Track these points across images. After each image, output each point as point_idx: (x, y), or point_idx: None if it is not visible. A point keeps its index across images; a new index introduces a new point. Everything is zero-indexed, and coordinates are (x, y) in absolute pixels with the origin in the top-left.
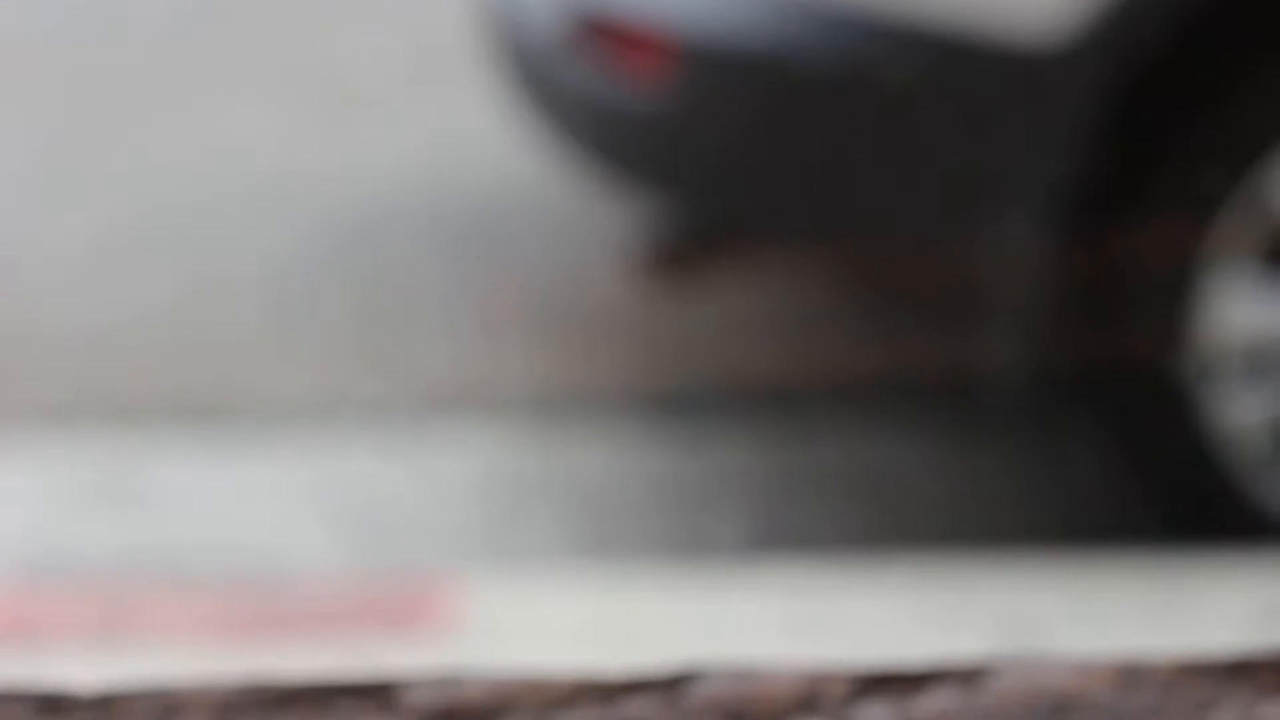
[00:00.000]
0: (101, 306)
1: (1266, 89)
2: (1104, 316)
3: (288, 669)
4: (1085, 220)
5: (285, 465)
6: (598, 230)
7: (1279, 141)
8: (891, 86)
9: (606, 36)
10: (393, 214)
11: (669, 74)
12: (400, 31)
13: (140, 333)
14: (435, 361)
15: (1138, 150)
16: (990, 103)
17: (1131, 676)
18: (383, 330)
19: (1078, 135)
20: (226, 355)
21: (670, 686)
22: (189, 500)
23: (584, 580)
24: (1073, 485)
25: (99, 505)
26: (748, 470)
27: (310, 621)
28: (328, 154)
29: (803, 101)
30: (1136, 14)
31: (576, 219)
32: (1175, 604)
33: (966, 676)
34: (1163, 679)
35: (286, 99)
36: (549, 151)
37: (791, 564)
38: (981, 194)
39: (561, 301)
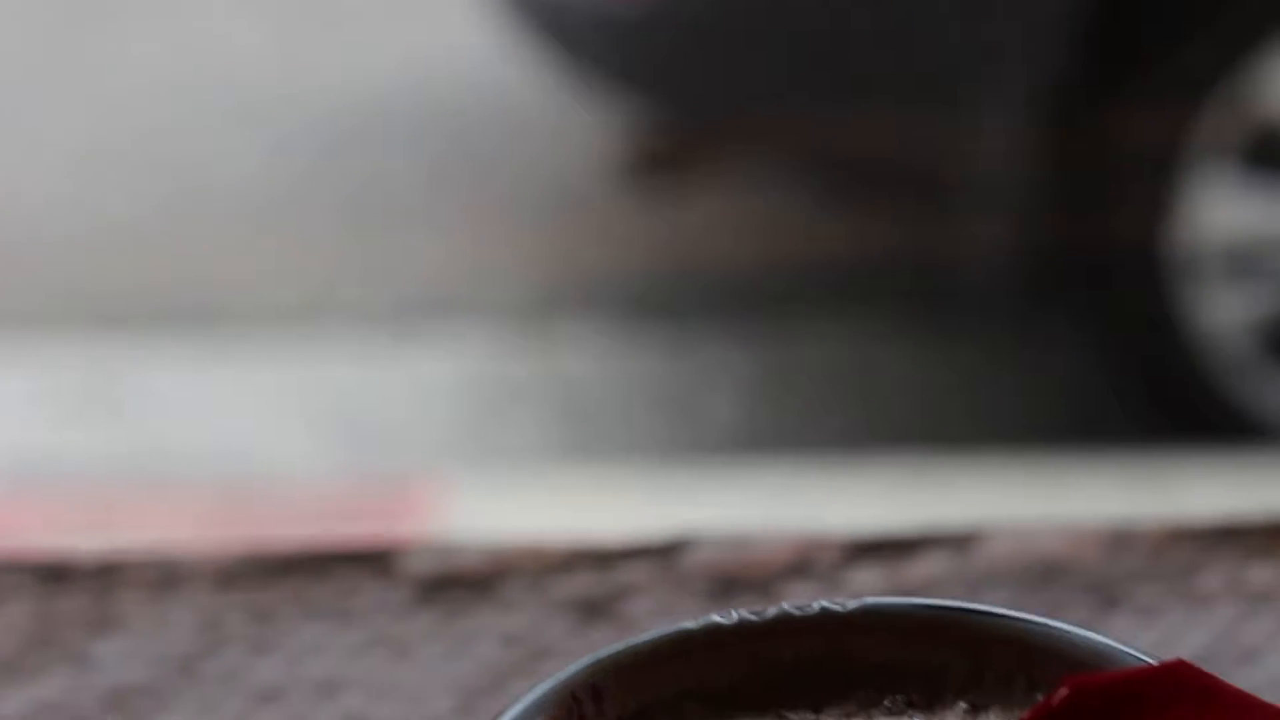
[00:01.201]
0: (85, 214)
1: None
2: (1087, 205)
3: (285, 539)
4: (1070, 107)
5: (269, 370)
6: (580, 136)
7: (1263, 39)
8: None
9: None
10: (376, 123)
11: None
12: None
13: (123, 240)
14: (419, 266)
15: (1124, 38)
16: None
17: (1120, 542)
18: (366, 237)
19: (1065, 21)
20: (210, 262)
21: (665, 553)
22: (173, 405)
23: (569, 480)
24: (1054, 384)
25: (83, 411)
26: (731, 371)
27: (295, 523)
28: (311, 64)
29: None
30: None
31: (559, 126)
32: (1153, 498)
33: (957, 542)
34: (1151, 544)
35: (271, 10)
36: (531, 59)
37: (776, 463)
38: (970, 77)
39: (544, 207)
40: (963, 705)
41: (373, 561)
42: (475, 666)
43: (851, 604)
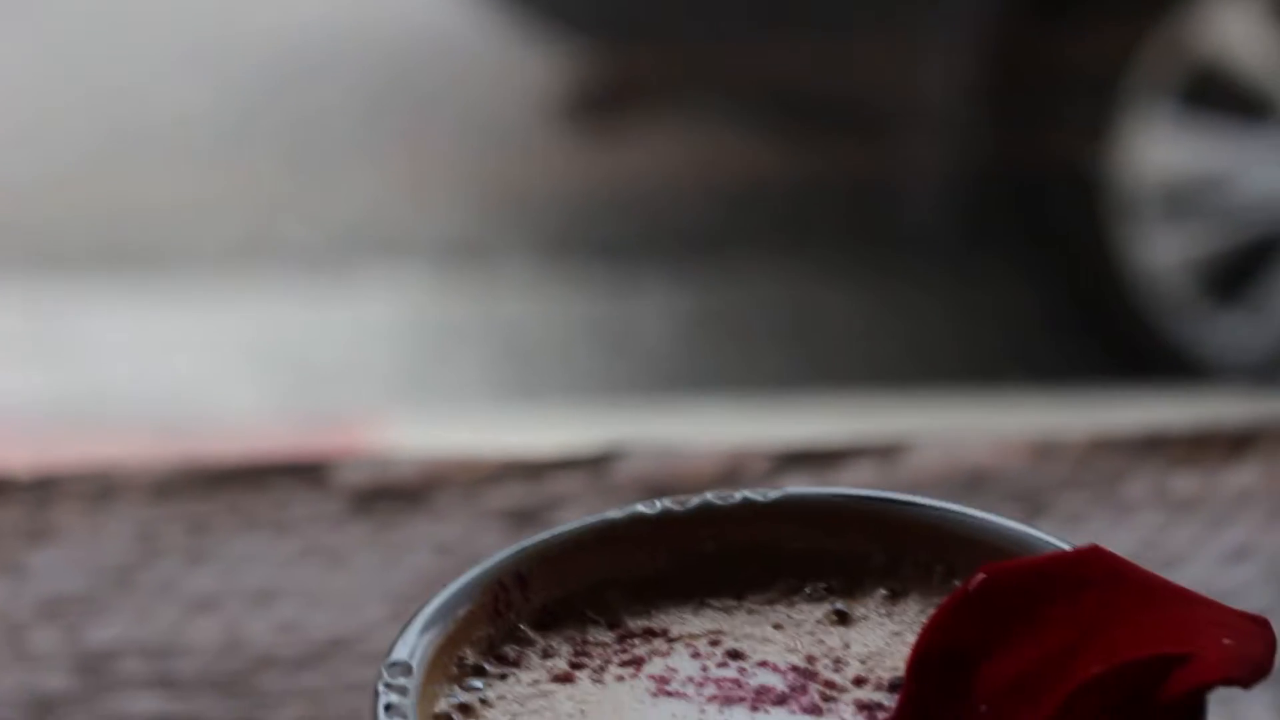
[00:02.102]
0: (26, 158)
1: None
2: (1026, 130)
3: (221, 452)
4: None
5: (209, 311)
6: (520, 75)
7: None
8: None
9: None
10: (317, 67)
11: None
12: None
13: (64, 181)
14: (359, 206)
15: None
16: None
17: (1045, 452)
18: (307, 179)
19: None
20: (150, 202)
21: (595, 464)
22: (115, 349)
23: (509, 419)
24: (993, 323)
25: (26, 355)
26: (671, 310)
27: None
28: (253, 3)
29: None
30: None
31: (499, 65)
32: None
33: (885, 452)
34: (1076, 454)
35: None
36: (473, 3)
37: (715, 403)
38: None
39: (485, 146)
40: (882, 592)
41: (307, 474)
42: (408, 575)
43: (772, 494)
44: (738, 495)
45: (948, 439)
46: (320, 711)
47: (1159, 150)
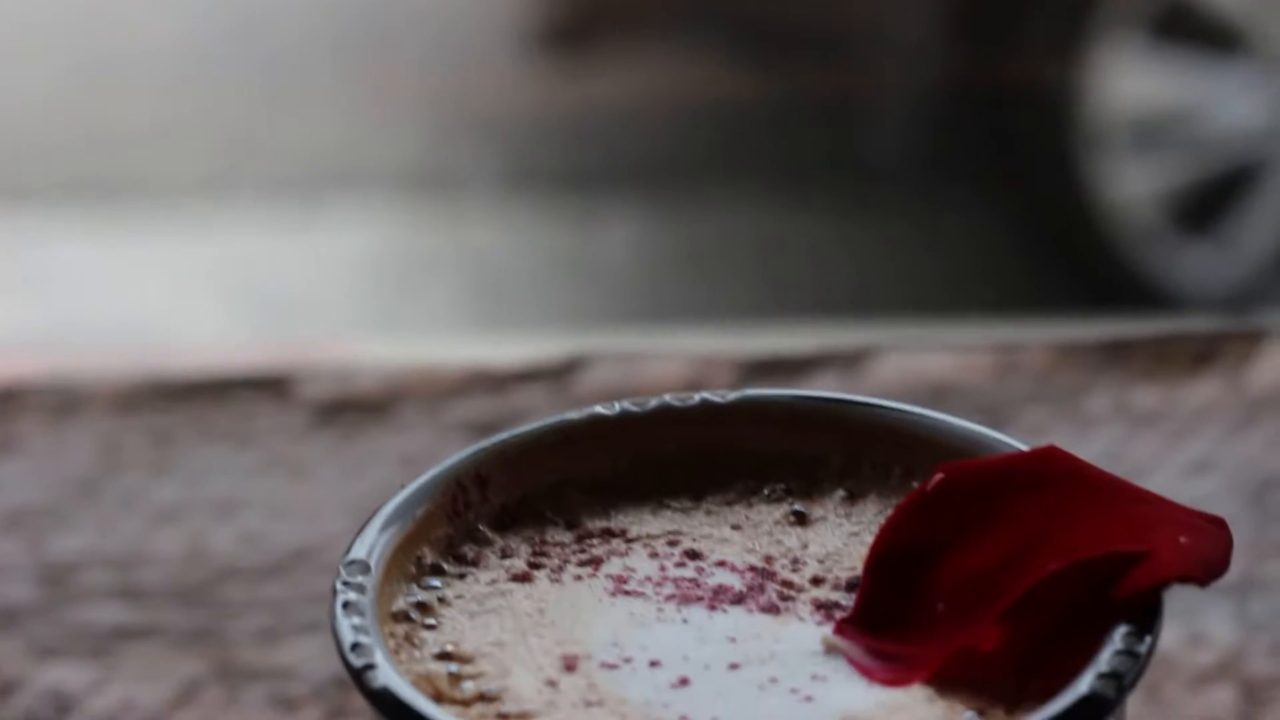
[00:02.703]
0: None
1: None
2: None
3: (184, 366)
4: None
5: (180, 242)
6: (491, 9)
7: None
8: None
9: None
10: (285, 2)
11: None
12: None
13: (34, 116)
14: (328, 142)
15: None
16: None
17: (1008, 365)
18: (275, 113)
19: None
20: (120, 137)
21: (558, 375)
22: (84, 279)
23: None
24: (960, 255)
25: None
26: (638, 245)
27: None
28: None
29: None
30: None
31: (468, 2)
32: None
33: (847, 363)
34: (1038, 367)
35: None
36: None
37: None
38: None
39: (456, 79)
40: (840, 493)
41: (270, 386)
42: (371, 486)
43: (731, 395)
44: (696, 397)
45: (910, 349)
46: (283, 621)
47: (1129, 81)
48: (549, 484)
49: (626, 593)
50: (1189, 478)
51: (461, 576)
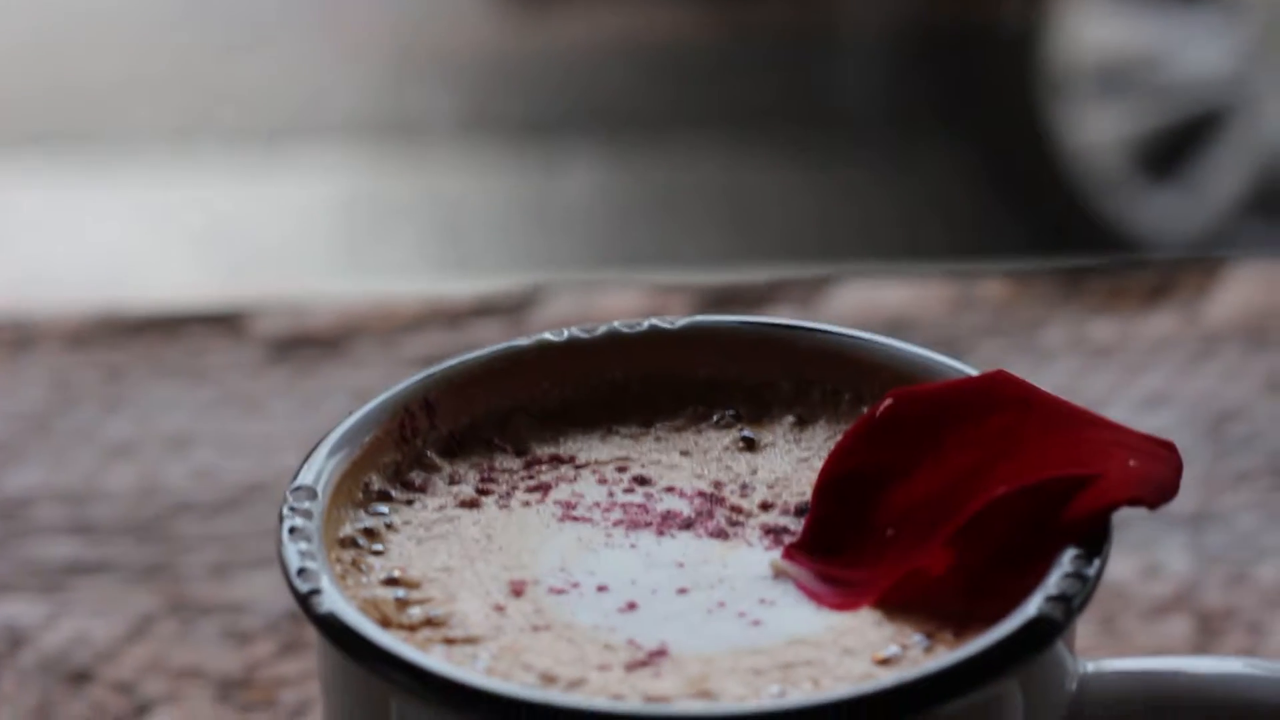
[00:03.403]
0: None
1: None
2: None
3: (137, 302)
4: None
5: (147, 191)
6: None
7: None
8: None
9: None
10: None
11: None
12: None
13: (3, 64)
14: (294, 90)
15: None
16: None
17: (965, 298)
18: (237, 61)
19: None
20: (86, 85)
21: (515, 309)
22: (48, 229)
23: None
24: (923, 200)
25: None
26: (606, 193)
27: None
28: None
29: None
30: None
31: None
32: None
33: (805, 294)
34: (995, 301)
35: None
36: None
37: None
38: None
39: (415, 28)
40: (790, 419)
41: (224, 322)
42: (325, 422)
43: (680, 321)
44: (645, 323)
45: (868, 281)
46: (236, 556)
47: (1094, 27)
48: (497, 411)
49: (575, 518)
50: (1145, 410)
51: (409, 503)
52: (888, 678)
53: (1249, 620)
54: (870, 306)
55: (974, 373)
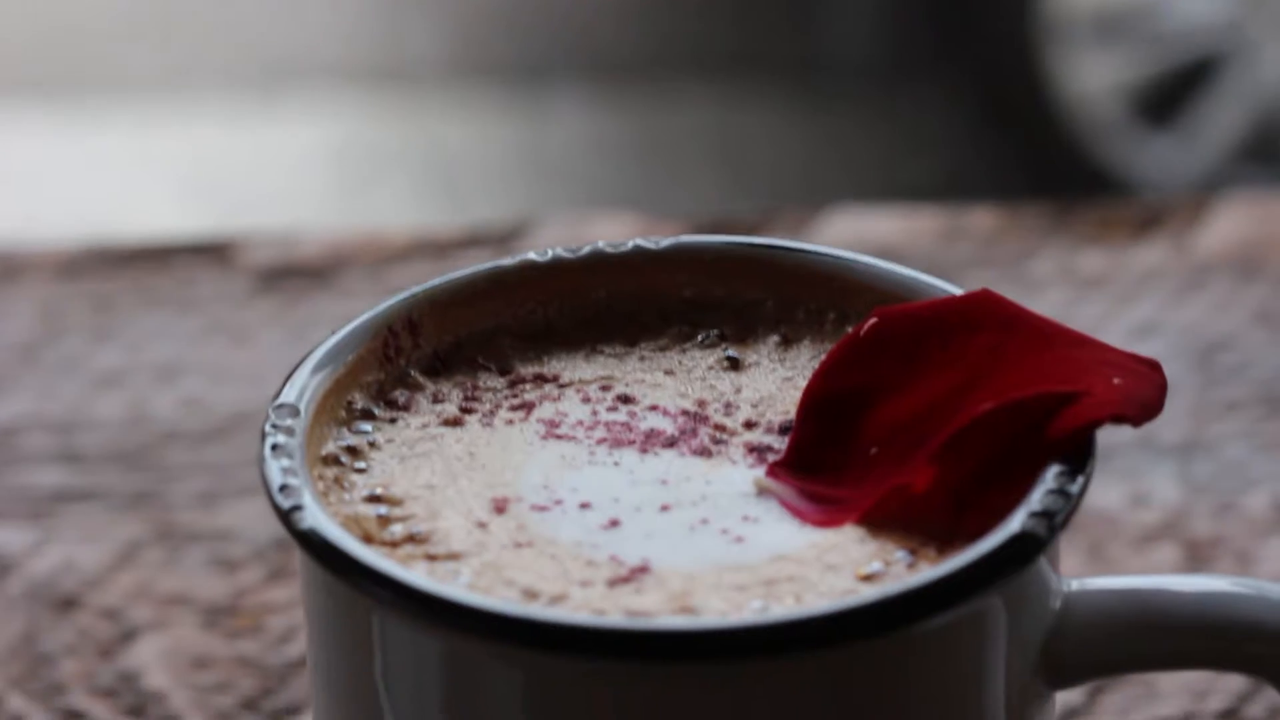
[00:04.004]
0: None
1: None
2: None
3: (127, 233)
4: None
5: (139, 137)
6: None
7: None
8: None
9: None
10: None
11: None
12: None
13: None
14: (286, 36)
15: None
16: None
17: (955, 229)
18: (233, 5)
19: None
20: (77, 31)
21: (505, 239)
22: (41, 174)
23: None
24: (920, 146)
25: None
26: (600, 138)
27: None
28: None
29: None
30: None
31: None
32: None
33: (795, 224)
34: (985, 232)
35: None
36: None
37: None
38: None
39: None
40: (774, 338)
41: (213, 252)
42: None
43: (664, 241)
44: (629, 243)
45: (855, 214)
46: (223, 484)
47: None
48: (482, 330)
49: (558, 436)
50: (1135, 340)
51: (392, 421)
52: (870, 592)
53: (1237, 549)
54: (859, 237)
55: (959, 292)
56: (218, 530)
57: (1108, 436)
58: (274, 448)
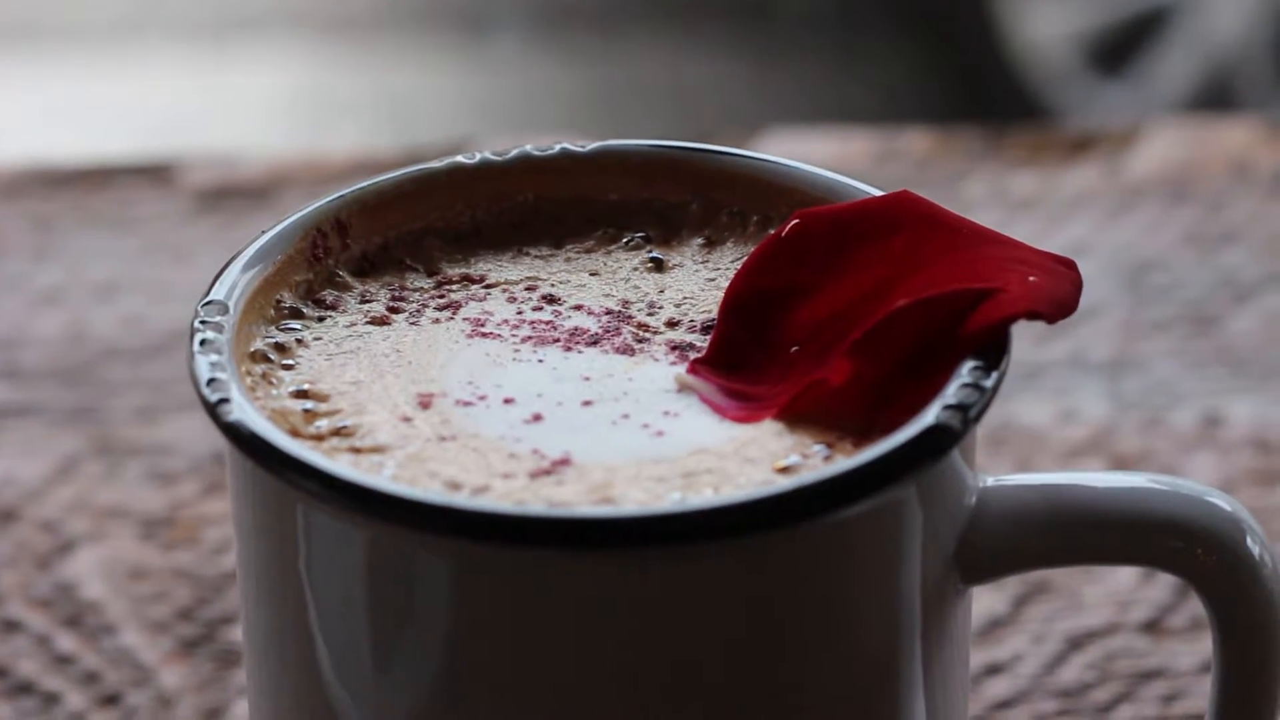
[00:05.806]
0: None
1: None
2: None
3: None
4: None
5: (96, 86)
6: None
7: None
8: None
9: None
10: None
11: None
12: None
13: None
14: None
15: None
16: None
17: (888, 152)
18: None
19: None
20: None
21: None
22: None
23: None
24: (872, 96)
25: None
26: (556, 86)
27: None
28: None
29: None
30: None
31: None
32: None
33: (732, 145)
34: (918, 155)
35: None
36: None
37: None
38: None
39: None
40: (698, 240)
41: (153, 173)
42: None
43: (591, 145)
44: (556, 147)
45: (792, 133)
46: (162, 400)
47: None
48: (409, 232)
49: (484, 335)
50: None
51: (320, 320)
52: (786, 482)
53: (1163, 463)
54: (794, 157)
55: (880, 194)
56: (156, 444)
57: (1038, 355)
58: (202, 343)
